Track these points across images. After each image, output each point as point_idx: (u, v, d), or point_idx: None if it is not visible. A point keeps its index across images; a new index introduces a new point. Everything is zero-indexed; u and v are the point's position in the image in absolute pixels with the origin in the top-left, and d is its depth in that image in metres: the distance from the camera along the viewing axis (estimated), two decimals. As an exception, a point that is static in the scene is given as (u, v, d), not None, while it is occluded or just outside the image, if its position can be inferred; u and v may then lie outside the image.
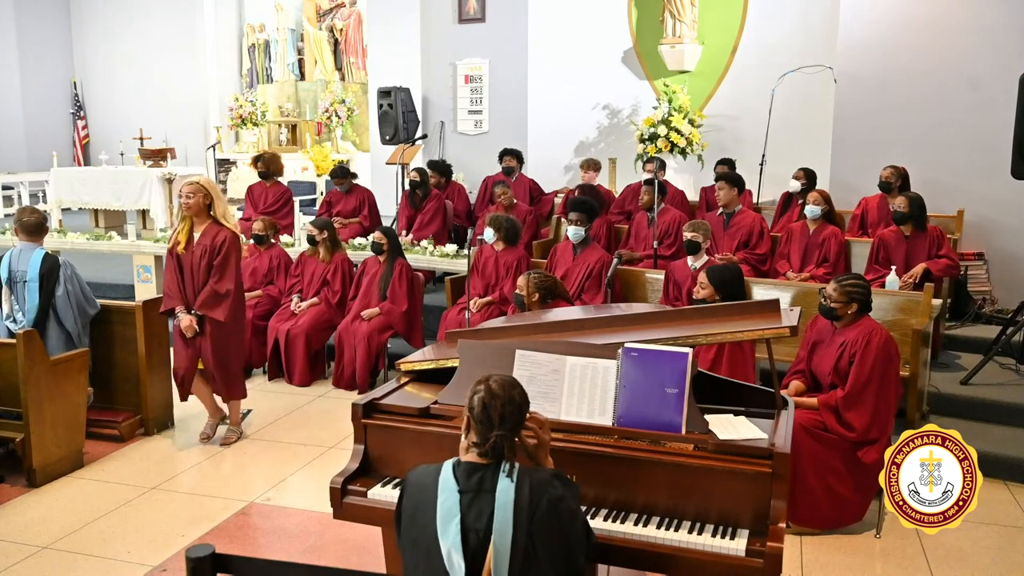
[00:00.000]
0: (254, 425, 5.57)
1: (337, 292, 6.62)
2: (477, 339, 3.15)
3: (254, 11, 14.67)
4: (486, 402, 2.31)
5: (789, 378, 4.35)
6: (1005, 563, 3.88)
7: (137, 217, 10.17)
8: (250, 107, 13.70)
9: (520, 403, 2.35)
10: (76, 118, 14.68)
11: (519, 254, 6.27)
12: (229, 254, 4.93)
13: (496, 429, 2.29)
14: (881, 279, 5.74)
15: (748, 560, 2.52)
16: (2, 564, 3.79)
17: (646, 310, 3.58)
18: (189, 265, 4.96)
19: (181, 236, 4.97)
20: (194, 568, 2.04)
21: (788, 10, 9.53)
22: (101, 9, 14.38)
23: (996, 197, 7.48)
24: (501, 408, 2.30)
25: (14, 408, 4.59)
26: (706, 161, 9.47)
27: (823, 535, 4.06)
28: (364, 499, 2.91)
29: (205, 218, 4.96)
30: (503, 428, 2.29)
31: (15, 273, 5.07)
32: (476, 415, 2.32)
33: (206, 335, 4.98)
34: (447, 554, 2.22)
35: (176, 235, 5.02)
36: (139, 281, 7.75)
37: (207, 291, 4.92)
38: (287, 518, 4.26)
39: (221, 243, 4.91)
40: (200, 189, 4.91)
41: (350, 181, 8.42)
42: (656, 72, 10.22)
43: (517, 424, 2.34)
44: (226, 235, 4.93)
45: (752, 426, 2.80)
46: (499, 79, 10.41)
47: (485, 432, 2.30)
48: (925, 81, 7.87)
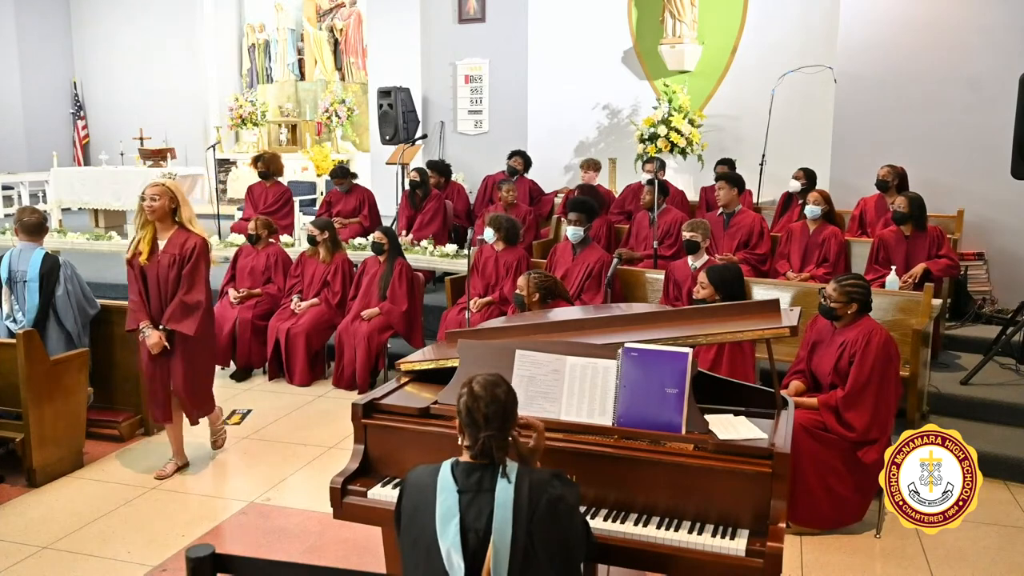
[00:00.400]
0: (254, 425, 5.57)
1: (337, 293, 6.62)
2: (477, 339, 3.15)
3: (254, 11, 14.67)
4: (469, 405, 2.31)
5: (789, 378, 4.35)
6: (1005, 563, 3.88)
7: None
8: (250, 107, 13.70)
9: (505, 400, 2.33)
10: (76, 118, 14.68)
11: (519, 254, 6.27)
12: (199, 262, 4.52)
13: (483, 430, 2.28)
14: (881, 279, 5.74)
15: (748, 560, 2.52)
16: (2, 564, 3.79)
17: (646, 310, 3.58)
18: (155, 276, 4.50)
19: (143, 245, 4.49)
20: (194, 568, 2.04)
21: (788, 10, 9.53)
22: (101, 9, 14.37)
23: (996, 197, 7.48)
24: (484, 409, 2.29)
25: (14, 408, 4.59)
26: (706, 161, 9.47)
27: (823, 535, 4.06)
28: (364, 499, 2.91)
29: (170, 224, 4.51)
30: (490, 428, 2.28)
31: (15, 273, 5.07)
32: (463, 419, 2.32)
33: (175, 352, 4.56)
34: (446, 554, 2.22)
35: (137, 244, 4.53)
36: (139, 281, 7.73)
37: (176, 303, 4.49)
38: (287, 518, 4.26)
39: (191, 251, 4.47)
40: (165, 192, 4.45)
41: (350, 181, 8.42)
42: (656, 72, 10.22)
43: (505, 423, 2.32)
44: (196, 242, 4.50)
45: (752, 426, 2.80)
46: (499, 79, 10.41)
47: (474, 434, 2.30)
48: (925, 81, 7.88)
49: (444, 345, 3.59)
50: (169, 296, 4.53)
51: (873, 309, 4.21)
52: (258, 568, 2.16)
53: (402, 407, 3.01)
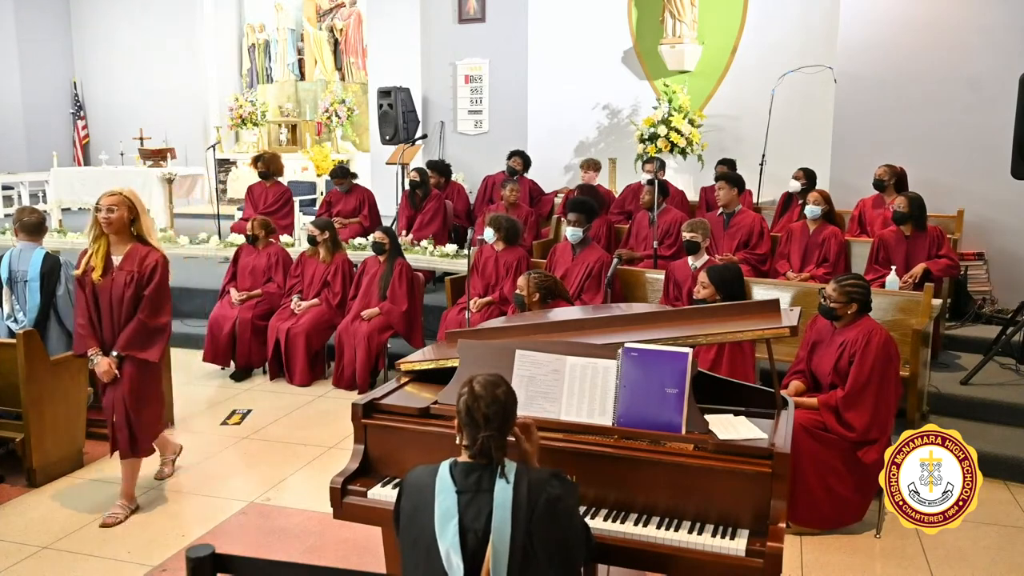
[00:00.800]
0: (254, 425, 5.57)
1: (338, 294, 6.62)
2: (477, 339, 3.15)
3: (254, 11, 14.67)
4: (469, 404, 2.31)
5: (789, 378, 4.35)
6: (1005, 563, 3.88)
7: (137, 217, 10.16)
8: (250, 107, 13.71)
9: (505, 401, 2.33)
10: (76, 118, 14.68)
11: (519, 254, 6.27)
12: (163, 281, 4.10)
13: (483, 430, 2.28)
14: (881, 279, 5.74)
15: (748, 560, 2.52)
16: (2, 564, 3.79)
17: (646, 310, 3.58)
18: (108, 296, 4.05)
19: (96, 260, 4.04)
20: (194, 568, 2.04)
21: (788, 10, 9.53)
22: (101, 9, 14.37)
23: (996, 197, 7.48)
24: (485, 409, 2.29)
25: (14, 408, 4.59)
26: (706, 161, 9.47)
27: (823, 535, 4.06)
28: (364, 499, 2.91)
29: (127, 237, 4.08)
30: (489, 429, 2.28)
31: (15, 273, 5.07)
32: (463, 418, 2.32)
33: (123, 378, 4.08)
34: (445, 555, 2.22)
35: (88, 259, 4.08)
36: (139, 281, 7.73)
37: (135, 326, 4.04)
38: (287, 518, 4.26)
39: (152, 268, 4.06)
40: (123, 201, 4.03)
41: (350, 181, 8.42)
42: (656, 72, 10.22)
43: (505, 423, 2.32)
44: (157, 258, 4.08)
45: (752, 426, 2.80)
46: (499, 79, 10.41)
47: (473, 434, 2.30)
48: (925, 81, 7.88)
49: (444, 345, 3.59)
50: (124, 319, 4.06)
51: (873, 309, 4.21)
52: (258, 568, 2.16)
53: (402, 407, 3.01)
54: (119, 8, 14.24)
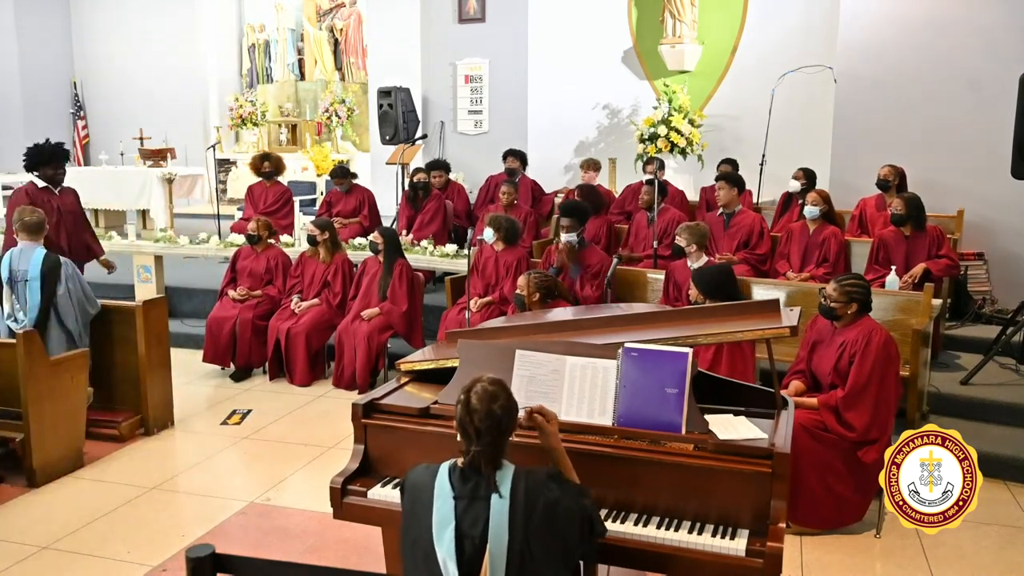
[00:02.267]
0: (254, 425, 5.57)
1: (338, 294, 6.62)
2: (477, 339, 3.15)
3: (254, 11, 14.65)
4: (462, 418, 2.28)
5: (789, 378, 4.35)
6: (1005, 563, 3.88)
7: (137, 217, 10.16)
8: (250, 107, 13.69)
9: (501, 416, 2.27)
10: (76, 118, 14.66)
11: (519, 254, 6.27)
12: None
13: (475, 444, 2.26)
14: (881, 279, 5.74)
15: (748, 560, 2.52)
16: (2, 564, 3.79)
17: (646, 310, 3.58)
18: None
19: None
20: (194, 568, 2.04)
21: (788, 10, 9.52)
22: (101, 9, 14.36)
23: (996, 197, 7.47)
24: (477, 424, 2.25)
25: (14, 408, 4.59)
26: (706, 161, 9.47)
27: (823, 535, 4.06)
28: (364, 499, 2.91)
29: None
30: (481, 443, 2.25)
31: (16, 273, 5.07)
32: (457, 427, 2.31)
33: None
34: (442, 561, 2.22)
35: None
36: (139, 281, 7.74)
37: None
38: (287, 518, 4.26)
39: None
40: None
41: (350, 181, 8.42)
42: (656, 72, 10.22)
43: (499, 436, 2.28)
44: None
45: (752, 426, 2.80)
46: (499, 79, 10.40)
47: (466, 445, 2.29)
48: (925, 81, 7.87)
49: (444, 345, 3.59)
50: None
51: (873, 309, 4.21)
52: (258, 568, 2.16)
53: (402, 407, 3.01)
54: (119, 8, 14.22)
